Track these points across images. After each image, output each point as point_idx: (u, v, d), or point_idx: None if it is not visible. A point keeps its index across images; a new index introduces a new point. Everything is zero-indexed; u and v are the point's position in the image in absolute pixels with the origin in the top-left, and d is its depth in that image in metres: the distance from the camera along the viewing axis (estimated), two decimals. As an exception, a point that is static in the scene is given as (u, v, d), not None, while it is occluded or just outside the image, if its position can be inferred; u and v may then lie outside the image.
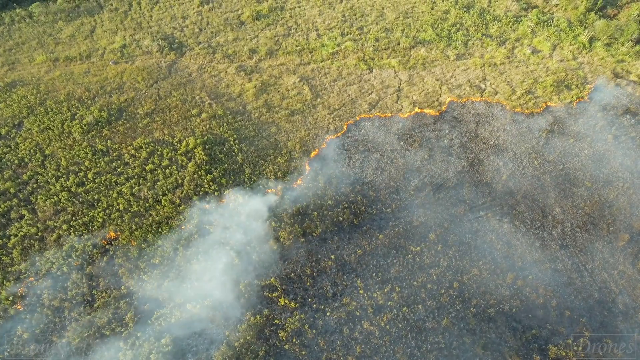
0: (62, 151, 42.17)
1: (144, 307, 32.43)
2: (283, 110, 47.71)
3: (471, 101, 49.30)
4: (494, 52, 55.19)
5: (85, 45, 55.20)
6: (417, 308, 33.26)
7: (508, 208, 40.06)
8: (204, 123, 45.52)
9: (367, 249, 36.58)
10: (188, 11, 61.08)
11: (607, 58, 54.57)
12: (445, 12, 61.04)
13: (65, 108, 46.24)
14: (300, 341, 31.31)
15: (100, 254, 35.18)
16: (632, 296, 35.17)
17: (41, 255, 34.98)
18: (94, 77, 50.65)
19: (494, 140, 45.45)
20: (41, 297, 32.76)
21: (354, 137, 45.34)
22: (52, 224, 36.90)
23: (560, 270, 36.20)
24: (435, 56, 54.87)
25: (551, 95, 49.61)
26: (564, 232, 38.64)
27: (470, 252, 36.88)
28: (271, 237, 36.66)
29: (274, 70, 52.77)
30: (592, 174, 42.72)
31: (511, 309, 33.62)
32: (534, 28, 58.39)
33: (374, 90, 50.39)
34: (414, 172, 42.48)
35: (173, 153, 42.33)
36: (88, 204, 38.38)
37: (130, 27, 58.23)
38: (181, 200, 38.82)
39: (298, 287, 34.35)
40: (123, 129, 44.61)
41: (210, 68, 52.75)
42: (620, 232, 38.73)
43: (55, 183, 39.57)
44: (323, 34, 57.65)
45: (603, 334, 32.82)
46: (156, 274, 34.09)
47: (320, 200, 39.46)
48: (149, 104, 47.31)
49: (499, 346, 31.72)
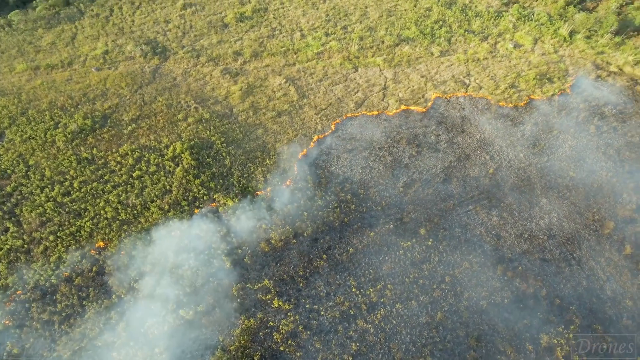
0: (46, 161, 41.51)
1: (136, 315, 32.08)
2: (270, 111, 47.62)
3: (456, 97, 49.75)
4: (477, 48, 55.76)
5: (66, 53, 54.42)
6: (411, 304, 33.47)
7: (496, 201, 40.52)
8: (191, 127, 45.21)
9: (358, 247, 36.70)
10: (170, 15, 60.58)
11: (587, 50, 55.51)
12: (427, 9, 61.50)
13: (48, 117, 45.53)
14: (295, 342, 31.28)
15: (90, 264, 34.70)
16: (620, 282, 35.83)
17: (28, 268, 34.40)
18: (76, 84, 49.95)
19: (480, 134, 45.92)
20: (30, 310, 32.22)
21: (342, 136, 45.43)
22: (38, 236, 36.31)
23: (548, 259, 36.73)
24: (420, 53, 55.25)
25: (534, 88, 50.30)
26: (551, 222, 39.21)
27: (460, 245, 37.22)
28: (262, 239, 36.56)
29: (260, 72, 52.62)
30: (577, 164, 43.43)
31: (503, 300, 34.03)
32: (515, 23, 59.13)
33: (359, 89, 50.55)
34: (403, 169, 42.73)
35: (160, 159, 41.96)
36: (75, 214, 37.84)
37: (112, 33, 57.55)
38: (170, 206, 38.49)
39: (291, 288, 34.31)
40: (108, 136, 44.08)
41: (195, 72, 52.39)
42: (605, 220, 39.42)
43: (40, 194, 38.94)
44: (307, 34, 57.66)
45: (592, 321, 33.40)
46: (147, 281, 33.74)
47: (310, 200, 39.48)
48: (134, 110, 46.82)
49: (492, 337, 32.09)
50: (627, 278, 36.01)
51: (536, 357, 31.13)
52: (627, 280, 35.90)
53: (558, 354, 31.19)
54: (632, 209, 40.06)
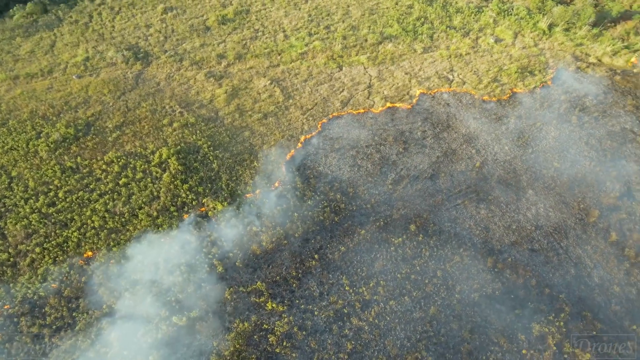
0: (29, 171, 40.72)
1: (128, 324, 31.68)
2: (256, 113, 47.46)
3: (440, 92, 50.20)
4: (459, 43, 56.33)
5: (46, 61, 53.47)
6: (404, 300, 33.68)
7: (483, 194, 41.00)
8: (176, 132, 44.82)
9: (350, 246, 36.80)
10: (151, 19, 59.96)
11: (566, 42, 56.50)
12: (409, 6, 61.93)
13: (30, 127, 44.69)
14: (290, 344, 31.24)
15: (78, 275, 34.17)
16: (606, 269, 36.56)
17: (15, 282, 33.74)
18: (57, 92, 49.11)
19: (465, 129, 46.41)
20: (18, 324, 31.60)
21: (329, 136, 45.50)
22: (24, 248, 35.61)
23: (537, 249, 37.31)
24: (403, 50, 55.61)
25: (516, 81, 51.01)
26: (537, 213, 39.83)
27: (450, 240, 37.58)
28: (253, 242, 36.42)
29: (244, 74, 52.40)
30: (560, 155, 44.17)
31: (494, 291, 34.45)
32: (495, 18, 59.89)
33: (345, 88, 50.68)
34: (390, 166, 42.97)
35: (146, 165, 41.50)
36: (61, 225, 37.21)
37: (92, 39, 56.73)
38: (158, 212, 38.11)
39: (284, 289, 34.25)
40: (92, 144, 43.45)
41: (178, 76, 51.95)
42: (590, 208, 40.19)
43: (25, 205, 38.19)
44: (290, 34, 57.60)
45: (582, 308, 34.02)
46: (138, 289, 33.36)
47: (300, 201, 39.46)
48: (118, 117, 46.24)
49: (485, 329, 32.46)
50: (614, 264, 36.77)
51: (529, 346, 31.60)
52: (614, 267, 36.65)
53: (550, 342, 31.69)
54: (615, 197, 40.91)
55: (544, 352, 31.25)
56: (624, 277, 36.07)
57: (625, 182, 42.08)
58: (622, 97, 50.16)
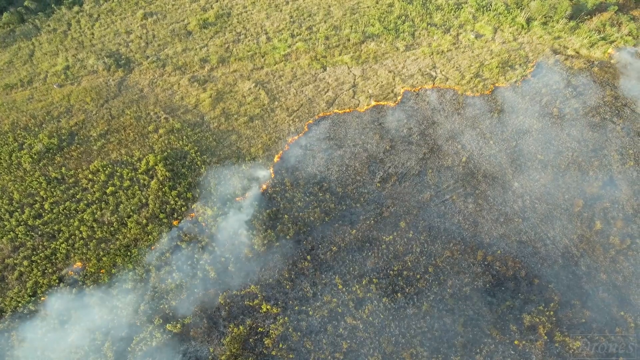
0: (14, 184, 40.02)
1: (122, 334, 31.43)
2: (242, 117, 47.34)
3: (424, 89, 50.71)
4: (440, 40, 56.95)
5: (25, 71, 52.51)
6: (397, 296, 34.03)
7: (471, 189, 41.60)
8: (162, 138, 44.47)
9: (341, 245, 37.02)
10: (131, 25, 59.28)
11: (544, 36, 57.54)
12: (389, 5, 62.34)
13: (11, 138, 43.88)
14: (286, 345, 31.34)
15: (69, 286, 33.73)
16: (592, 257, 37.44)
17: (4, 296, 33.16)
18: (38, 102, 48.30)
19: (450, 124, 46.99)
20: (9, 339, 31.10)
21: (316, 137, 45.62)
22: (11, 262, 35.02)
23: (525, 241, 38.02)
24: (385, 49, 56.00)
25: (498, 76, 51.81)
26: (524, 205, 40.57)
27: (440, 235, 38.06)
28: (245, 246, 36.39)
29: (228, 77, 52.21)
30: (543, 147, 45.03)
31: (485, 284, 35.04)
32: (474, 14, 60.67)
33: (329, 88, 50.86)
34: (378, 164, 43.30)
35: (133, 173, 41.12)
36: (48, 236, 36.68)
37: (71, 47, 55.87)
38: (148, 220, 37.82)
39: (278, 291, 34.32)
40: (77, 154, 42.87)
41: (161, 82, 51.51)
42: (575, 198, 41.08)
43: (10, 218, 37.54)
44: (273, 36, 57.54)
45: (571, 297, 34.79)
46: (130, 299, 33.09)
47: (290, 202, 39.53)
48: (102, 125, 45.68)
49: (478, 322, 32.99)
50: (600, 252, 37.68)
51: (520, 336, 32.22)
52: (600, 255, 37.56)
53: (541, 332, 32.36)
54: (598, 186, 41.89)
55: (535, 342, 31.91)
56: (610, 265, 36.99)
57: (607, 171, 43.10)
58: (600, 88, 51.29)
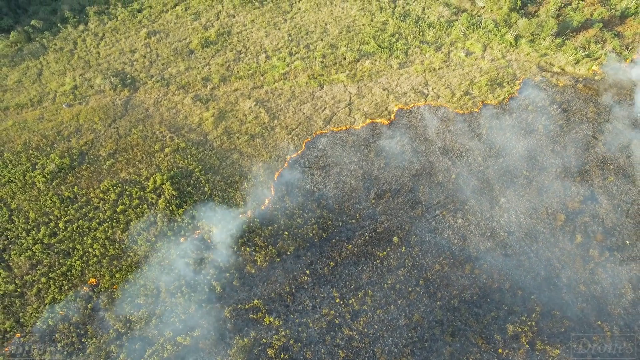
0: (28, 203, 42.42)
1: (135, 346, 33.90)
2: (243, 135, 49.84)
3: (417, 107, 53.30)
4: (432, 58, 59.57)
5: (34, 90, 54.87)
6: (390, 308, 36.62)
7: (460, 204, 44.23)
8: (168, 157, 46.91)
9: (338, 260, 39.58)
10: (135, 44, 61.67)
11: (531, 53, 60.24)
12: (384, 22, 64.90)
13: (24, 158, 46.25)
14: (288, 356, 33.88)
15: (84, 302, 36.18)
16: (573, 269, 40.11)
17: (24, 311, 35.58)
18: (48, 122, 50.67)
19: (441, 141, 49.60)
20: (30, 352, 33.53)
21: (314, 154, 48.16)
22: (29, 279, 37.45)
23: (510, 254, 40.68)
24: (380, 67, 58.58)
25: (486, 94, 54.45)
26: (510, 219, 43.22)
27: (431, 249, 40.67)
28: (248, 262, 38.89)
29: (229, 96, 54.69)
30: (529, 163, 47.70)
31: (472, 296, 37.67)
32: (465, 31, 63.30)
33: (326, 106, 53.40)
34: (373, 181, 45.87)
35: (142, 191, 43.55)
36: (64, 254, 39.11)
37: (78, 67, 58.24)
38: (156, 237, 40.24)
39: (279, 305, 36.86)
40: (87, 173, 45.27)
41: (166, 101, 53.95)
42: (557, 213, 43.75)
43: (27, 237, 39.95)
44: (272, 55, 60.03)
45: (552, 307, 37.46)
46: (142, 312, 35.55)
47: (290, 219, 42.05)
48: (110, 145, 48.09)
49: (465, 332, 35.62)
50: (580, 265, 40.35)
51: (504, 345, 34.87)
52: (580, 267, 40.23)
53: (523, 341, 35.01)
54: (579, 201, 44.58)
55: (517, 350, 34.56)
56: (589, 277, 39.67)
57: (588, 186, 45.80)
58: (584, 104, 54.01)
